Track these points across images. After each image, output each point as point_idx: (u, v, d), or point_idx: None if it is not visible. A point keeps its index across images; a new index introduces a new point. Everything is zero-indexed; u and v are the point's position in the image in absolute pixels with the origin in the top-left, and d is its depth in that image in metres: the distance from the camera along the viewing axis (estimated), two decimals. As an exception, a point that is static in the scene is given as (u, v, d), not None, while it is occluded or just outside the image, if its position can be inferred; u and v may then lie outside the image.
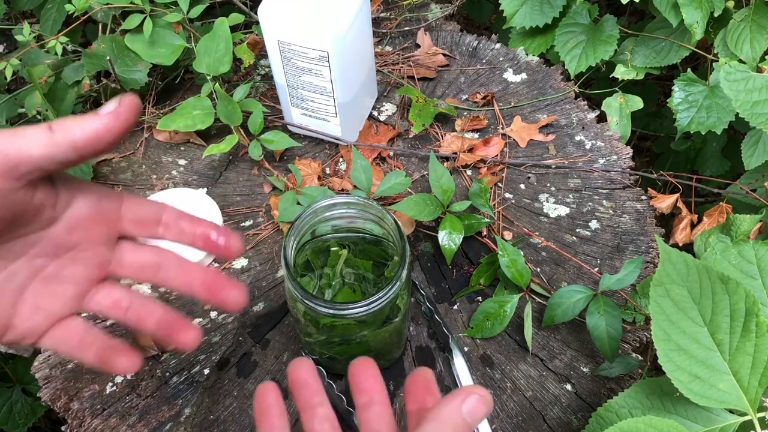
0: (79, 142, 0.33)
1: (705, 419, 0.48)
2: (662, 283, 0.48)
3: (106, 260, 0.39)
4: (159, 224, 0.39)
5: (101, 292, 0.39)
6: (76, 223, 0.37)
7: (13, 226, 0.34)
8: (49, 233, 0.36)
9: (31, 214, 0.34)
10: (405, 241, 0.52)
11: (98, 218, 0.37)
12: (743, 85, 0.66)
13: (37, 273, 0.36)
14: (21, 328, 0.36)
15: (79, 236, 0.37)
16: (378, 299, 0.50)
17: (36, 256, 0.36)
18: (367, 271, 0.60)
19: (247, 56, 0.86)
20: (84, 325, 0.38)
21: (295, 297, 0.51)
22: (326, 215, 0.55)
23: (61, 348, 0.38)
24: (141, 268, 0.40)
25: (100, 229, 0.38)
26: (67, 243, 0.37)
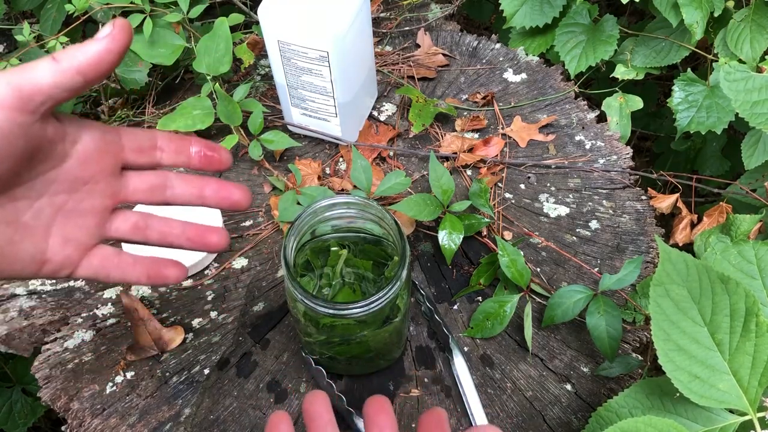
0: (83, 66, 0.35)
1: (705, 419, 0.48)
2: (662, 283, 0.48)
3: (117, 189, 0.41)
4: (156, 149, 0.42)
5: (118, 219, 0.42)
6: (86, 157, 0.39)
7: (32, 163, 0.36)
8: (64, 169, 0.38)
9: (46, 149, 0.36)
10: (405, 241, 0.52)
11: (104, 150, 0.39)
12: (743, 85, 0.66)
13: (59, 208, 0.39)
14: (56, 260, 0.39)
15: (91, 169, 0.39)
16: (378, 299, 0.50)
17: (55, 192, 0.38)
18: (367, 271, 0.60)
19: (247, 56, 0.86)
20: (114, 250, 0.41)
21: (295, 297, 0.51)
22: (326, 215, 0.55)
23: (100, 273, 0.41)
24: (149, 190, 0.42)
25: (107, 160, 0.40)
26: (80, 177, 0.39)
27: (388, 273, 0.58)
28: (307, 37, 0.70)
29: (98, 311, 0.69)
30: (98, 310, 0.69)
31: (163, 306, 0.70)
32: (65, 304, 0.70)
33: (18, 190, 0.37)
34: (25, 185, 0.37)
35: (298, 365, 0.66)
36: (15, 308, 0.69)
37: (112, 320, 0.69)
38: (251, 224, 0.77)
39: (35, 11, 1.03)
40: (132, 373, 0.65)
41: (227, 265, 0.73)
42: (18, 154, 0.35)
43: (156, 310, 0.69)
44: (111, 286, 0.71)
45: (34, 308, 0.69)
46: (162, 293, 0.71)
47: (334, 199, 0.54)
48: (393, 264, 0.57)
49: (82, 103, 0.90)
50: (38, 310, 0.69)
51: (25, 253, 0.38)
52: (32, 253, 0.38)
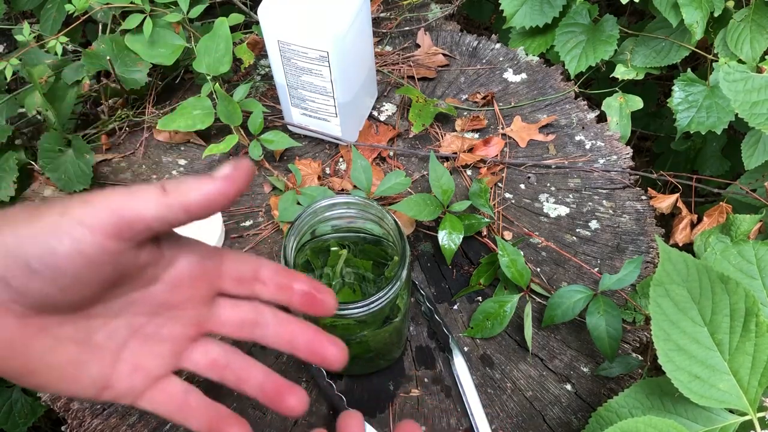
0: (192, 205, 0.32)
1: (705, 419, 0.48)
2: (662, 283, 0.48)
3: (205, 318, 0.38)
4: (257, 281, 0.38)
5: (198, 350, 0.38)
6: (179, 281, 0.36)
7: (117, 286, 0.34)
8: (150, 292, 0.35)
9: (135, 273, 0.34)
10: (405, 241, 0.52)
11: (200, 277, 0.36)
12: (742, 86, 0.66)
13: (136, 332, 0.36)
14: (119, 388, 0.35)
15: (181, 295, 0.36)
16: (378, 299, 0.50)
17: (136, 314, 0.35)
18: (367, 271, 0.60)
19: (247, 56, 0.86)
20: (183, 387, 0.37)
21: None
22: (326, 215, 0.55)
23: (160, 411, 0.37)
24: (239, 325, 0.39)
25: (201, 287, 0.37)
26: (167, 302, 0.36)
27: (388, 273, 0.58)
28: (307, 37, 0.70)
29: (98, 311, 0.69)
30: (98, 310, 0.69)
31: (163, 306, 0.70)
32: (65, 304, 0.70)
33: (95, 308, 0.34)
34: (104, 304, 0.34)
35: (298, 365, 0.66)
36: (15, 308, 0.69)
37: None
38: (251, 224, 0.77)
39: (35, 11, 1.03)
40: None
41: (227, 265, 0.73)
42: (103, 280, 0.32)
43: (156, 310, 0.69)
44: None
45: (34, 308, 0.69)
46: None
47: (334, 199, 0.54)
48: (393, 264, 0.57)
49: (82, 103, 0.90)
50: (38, 310, 0.69)
51: (88, 376, 0.34)
52: (95, 377, 0.34)
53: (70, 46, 0.86)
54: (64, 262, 0.30)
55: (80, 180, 0.78)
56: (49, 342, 0.33)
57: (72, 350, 0.33)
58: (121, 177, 0.82)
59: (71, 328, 0.33)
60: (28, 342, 0.32)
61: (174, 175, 0.82)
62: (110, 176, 0.82)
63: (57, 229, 0.30)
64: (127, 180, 0.81)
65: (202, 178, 0.33)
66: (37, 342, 0.32)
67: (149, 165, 0.83)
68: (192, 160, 0.83)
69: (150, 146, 0.85)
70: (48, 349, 0.33)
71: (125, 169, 0.83)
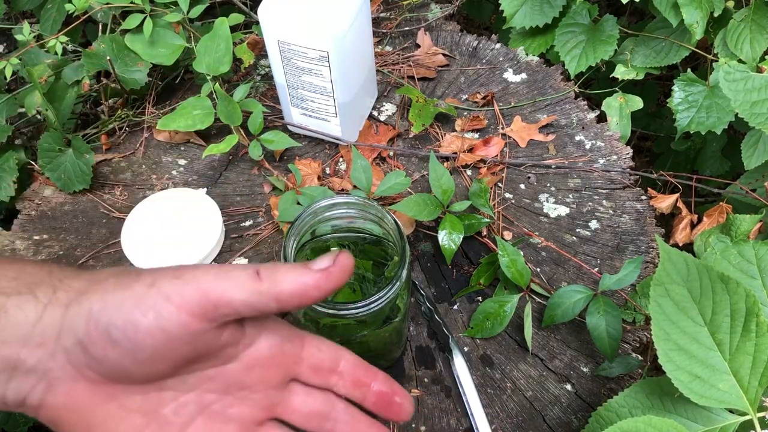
0: (284, 294, 0.32)
1: (705, 419, 0.48)
2: (662, 283, 0.48)
3: (275, 402, 0.36)
4: (335, 372, 0.37)
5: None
6: (255, 362, 0.35)
7: (194, 363, 0.33)
8: (226, 369, 0.34)
9: (214, 352, 0.33)
10: (405, 241, 0.52)
11: (278, 360, 0.35)
12: (742, 85, 0.66)
13: (205, 408, 0.35)
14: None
15: (255, 376, 0.35)
16: (378, 299, 0.50)
17: (207, 391, 0.34)
18: (367, 271, 0.60)
19: (247, 56, 0.86)
20: None
21: None
22: (326, 215, 0.55)
23: None
24: (309, 415, 0.37)
25: (277, 371, 0.36)
26: (241, 382, 0.35)
27: (388, 273, 0.58)
28: (307, 37, 0.70)
29: (98, 311, 0.69)
30: (98, 310, 0.69)
31: (163, 306, 0.70)
32: (65, 304, 0.70)
33: (168, 381, 0.33)
34: (178, 378, 0.33)
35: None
36: (15, 308, 0.69)
37: None
38: (251, 224, 0.77)
39: (35, 11, 1.03)
40: None
41: (227, 265, 0.73)
42: (181, 357, 0.32)
43: (156, 310, 0.69)
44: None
45: (34, 308, 0.69)
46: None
47: (334, 199, 0.54)
48: (393, 264, 0.57)
49: (82, 103, 0.90)
50: (38, 310, 0.69)
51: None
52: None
53: (70, 46, 0.86)
54: (145, 336, 0.30)
55: (80, 180, 0.78)
56: (116, 411, 0.32)
57: (138, 421, 0.33)
58: (120, 177, 0.82)
59: (140, 398, 0.33)
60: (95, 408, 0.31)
61: (174, 175, 0.82)
62: (110, 176, 0.82)
63: (143, 302, 0.30)
64: (127, 180, 0.81)
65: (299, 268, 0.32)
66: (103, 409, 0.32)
67: (149, 165, 0.83)
68: (192, 160, 0.83)
69: (150, 146, 0.85)
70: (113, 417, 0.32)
71: (125, 169, 0.83)
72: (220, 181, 0.81)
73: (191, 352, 0.32)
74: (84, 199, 0.79)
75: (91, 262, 0.73)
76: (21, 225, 0.77)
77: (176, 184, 0.81)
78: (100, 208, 0.78)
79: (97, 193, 0.80)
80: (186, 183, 0.81)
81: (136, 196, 0.80)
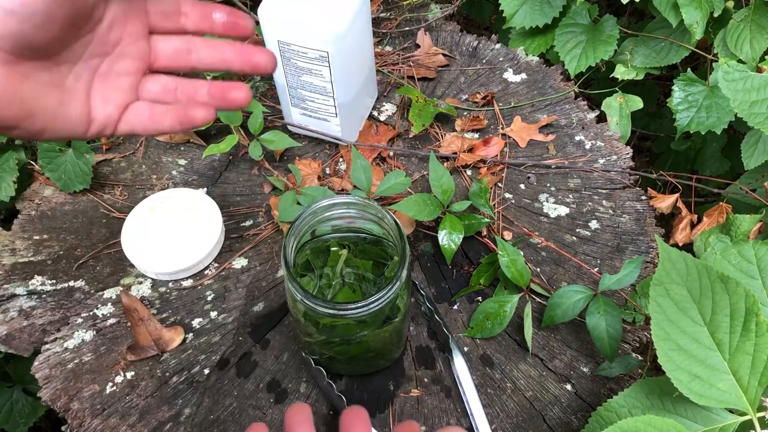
0: None
1: (705, 419, 0.48)
2: (662, 283, 0.48)
3: (146, 53, 0.43)
4: (180, 14, 0.43)
5: (149, 81, 0.43)
6: (114, 20, 0.40)
7: (74, 27, 0.38)
8: (97, 33, 0.40)
9: (88, 13, 0.38)
10: (405, 241, 0.52)
11: (131, 15, 0.41)
12: (741, 85, 0.66)
13: (95, 71, 0.41)
14: (99, 119, 0.41)
15: (119, 32, 0.41)
16: (378, 299, 0.50)
17: (90, 56, 0.40)
18: (367, 271, 0.60)
19: (247, 56, 0.86)
20: (149, 104, 0.43)
21: (295, 297, 0.51)
22: (326, 215, 0.55)
23: (137, 127, 0.42)
24: (174, 53, 0.43)
25: (134, 24, 0.41)
26: (111, 40, 0.41)
27: (388, 273, 0.58)
28: (307, 37, 0.70)
29: (98, 311, 0.69)
30: (98, 310, 0.69)
31: (163, 306, 0.70)
32: (65, 304, 0.70)
33: (61, 54, 0.39)
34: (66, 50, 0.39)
35: (298, 365, 0.66)
36: (15, 308, 0.69)
37: (112, 320, 0.69)
38: (251, 224, 0.77)
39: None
40: (132, 373, 0.65)
41: (227, 265, 0.73)
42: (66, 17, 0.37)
43: (156, 310, 0.69)
44: (112, 285, 0.71)
45: (34, 308, 0.69)
46: (162, 293, 0.71)
47: (334, 199, 0.54)
48: (393, 264, 0.57)
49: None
50: (38, 310, 0.69)
51: (74, 113, 0.40)
52: (80, 112, 0.40)
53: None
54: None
55: (80, 180, 0.78)
56: (35, 87, 0.38)
57: (55, 93, 0.39)
58: (121, 177, 0.82)
59: (47, 74, 0.38)
60: (18, 88, 0.37)
61: (174, 175, 0.82)
62: (110, 176, 0.82)
63: None
64: (127, 180, 0.81)
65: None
66: (25, 87, 0.37)
67: (149, 165, 0.83)
68: (192, 160, 0.83)
69: (150, 146, 0.85)
70: (36, 93, 0.38)
71: (125, 169, 0.83)
72: (220, 181, 0.81)
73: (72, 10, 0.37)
74: (84, 199, 0.79)
75: (91, 262, 0.73)
76: (21, 225, 0.77)
77: (176, 184, 0.81)
78: (100, 208, 0.79)
79: (97, 193, 0.80)
80: (186, 183, 0.81)
81: (136, 196, 0.80)
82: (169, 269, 0.70)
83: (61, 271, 0.73)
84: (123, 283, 0.72)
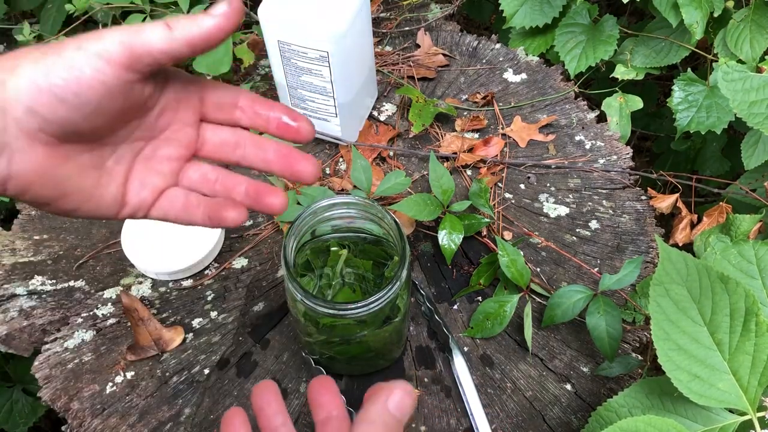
0: (194, 39, 0.37)
1: (705, 418, 0.48)
2: (662, 283, 0.48)
3: (193, 140, 0.42)
4: (236, 108, 0.42)
5: (191, 169, 0.43)
6: (167, 106, 0.40)
7: (125, 115, 0.38)
8: (147, 118, 0.40)
9: (140, 104, 0.38)
10: (405, 241, 0.52)
11: (184, 102, 0.41)
12: (740, 85, 0.66)
13: (137, 154, 0.41)
14: (132, 203, 0.41)
15: (169, 119, 0.41)
16: (378, 299, 0.50)
17: (136, 139, 0.40)
18: (367, 271, 0.60)
19: (247, 56, 0.86)
20: (184, 192, 0.42)
21: (295, 297, 0.51)
22: (326, 215, 0.55)
23: (169, 215, 0.42)
24: (220, 145, 0.43)
25: (186, 112, 0.41)
26: (160, 126, 0.41)
27: (388, 273, 0.58)
28: (307, 37, 0.70)
29: (98, 311, 0.69)
30: (98, 310, 0.69)
31: (163, 306, 0.70)
32: (65, 304, 0.70)
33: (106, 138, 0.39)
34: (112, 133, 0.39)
35: (298, 365, 0.66)
36: (15, 308, 0.69)
37: (112, 320, 0.69)
38: (251, 224, 0.77)
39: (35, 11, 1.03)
40: (132, 373, 0.65)
41: (227, 265, 0.73)
42: (118, 109, 0.37)
43: (156, 310, 0.69)
44: (112, 285, 0.71)
45: (34, 308, 0.69)
46: (162, 293, 0.71)
47: (334, 199, 0.54)
48: (393, 264, 0.57)
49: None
50: (38, 310, 0.69)
51: (110, 195, 0.40)
52: (114, 195, 0.40)
53: (70, 47, 0.86)
54: (88, 90, 0.34)
55: (80, 180, 0.78)
56: (74, 169, 0.38)
57: (93, 175, 0.39)
58: (121, 177, 0.82)
59: (88, 156, 0.38)
60: (57, 169, 0.37)
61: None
62: (110, 176, 0.82)
63: (78, 62, 0.34)
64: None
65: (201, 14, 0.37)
66: (64, 169, 0.37)
67: (149, 165, 0.83)
68: (192, 160, 0.83)
69: (150, 146, 0.85)
70: (74, 174, 0.38)
71: (125, 169, 0.83)
72: (220, 181, 0.81)
73: (125, 104, 0.37)
74: (84, 199, 0.79)
75: (91, 262, 0.73)
76: (21, 225, 0.77)
77: (176, 184, 0.81)
78: (101, 208, 0.78)
79: (97, 193, 0.80)
80: (186, 183, 0.81)
81: (136, 196, 0.80)
82: (169, 269, 0.70)
83: (61, 271, 0.73)
84: (123, 283, 0.72)
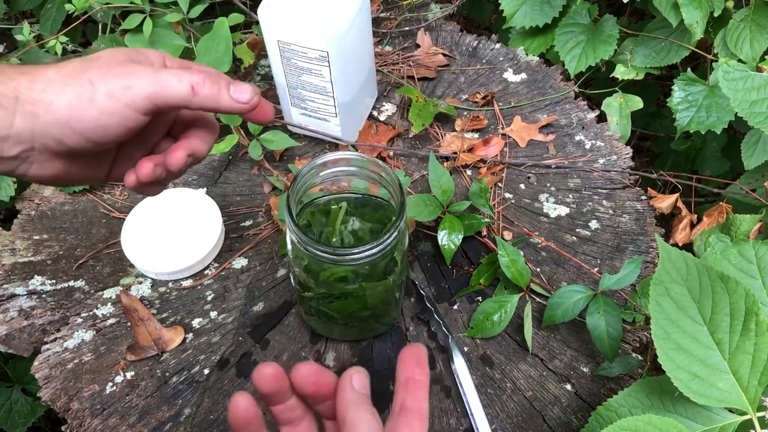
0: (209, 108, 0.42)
1: (705, 418, 0.48)
2: (662, 282, 0.48)
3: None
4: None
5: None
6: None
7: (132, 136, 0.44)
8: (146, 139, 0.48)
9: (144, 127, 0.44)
10: (404, 195, 0.54)
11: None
12: (741, 84, 0.66)
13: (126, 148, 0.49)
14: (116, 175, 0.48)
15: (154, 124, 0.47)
16: (377, 245, 0.51)
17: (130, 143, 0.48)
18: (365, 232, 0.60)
19: (247, 56, 0.86)
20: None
21: (297, 246, 0.52)
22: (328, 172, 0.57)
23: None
24: None
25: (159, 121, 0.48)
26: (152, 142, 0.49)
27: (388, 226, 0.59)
28: (307, 37, 0.70)
29: (98, 311, 0.69)
30: (98, 310, 0.69)
31: (163, 306, 0.70)
32: (65, 304, 0.70)
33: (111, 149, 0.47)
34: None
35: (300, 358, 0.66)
36: (15, 308, 0.69)
37: (112, 320, 0.69)
38: (251, 224, 0.77)
39: (35, 11, 1.03)
40: (132, 373, 0.65)
41: (227, 265, 0.73)
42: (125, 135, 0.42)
43: (156, 310, 0.69)
44: (112, 285, 0.71)
45: (34, 308, 0.69)
46: (162, 293, 0.71)
47: (336, 154, 0.56)
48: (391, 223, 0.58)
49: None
50: (38, 310, 0.69)
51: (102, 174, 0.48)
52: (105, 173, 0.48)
53: (70, 46, 0.86)
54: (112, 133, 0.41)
55: (80, 180, 0.78)
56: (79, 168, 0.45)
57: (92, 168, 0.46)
58: (121, 177, 0.82)
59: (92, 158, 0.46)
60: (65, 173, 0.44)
61: (174, 175, 0.82)
62: (110, 176, 0.82)
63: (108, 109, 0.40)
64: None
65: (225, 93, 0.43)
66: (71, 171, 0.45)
67: (149, 165, 0.83)
68: (192, 160, 0.83)
69: (150, 146, 0.85)
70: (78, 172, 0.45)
71: (125, 169, 0.83)
72: (220, 181, 0.81)
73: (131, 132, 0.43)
74: (84, 199, 0.79)
75: (90, 262, 0.73)
76: (21, 225, 0.77)
77: (176, 184, 0.81)
78: (100, 208, 0.79)
79: (97, 193, 0.80)
80: (186, 183, 0.81)
81: (135, 196, 0.80)
82: (169, 269, 0.70)
83: (61, 271, 0.73)
84: (123, 283, 0.72)
